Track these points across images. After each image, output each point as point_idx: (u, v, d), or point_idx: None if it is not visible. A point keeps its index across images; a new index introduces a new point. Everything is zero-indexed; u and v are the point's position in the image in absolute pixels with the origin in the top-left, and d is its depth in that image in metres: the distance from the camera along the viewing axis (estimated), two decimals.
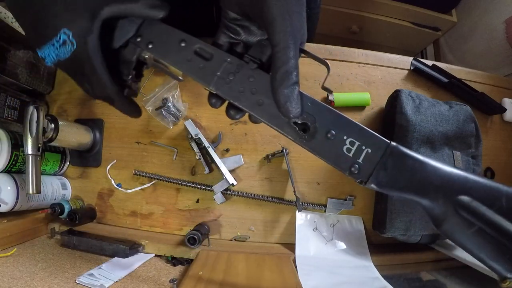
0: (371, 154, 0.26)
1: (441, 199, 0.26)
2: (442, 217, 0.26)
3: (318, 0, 0.72)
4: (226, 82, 0.28)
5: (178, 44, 0.29)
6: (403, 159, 0.26)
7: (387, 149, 0.26)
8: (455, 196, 0.25)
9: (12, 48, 0.57)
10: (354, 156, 0.26)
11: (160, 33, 0.30)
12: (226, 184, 0.61)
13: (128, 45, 0.31)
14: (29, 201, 0.57)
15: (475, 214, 0.25)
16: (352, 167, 0.26)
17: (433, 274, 0.61)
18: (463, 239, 0.26)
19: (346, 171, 0.26)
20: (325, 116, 0.27)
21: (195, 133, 0.62)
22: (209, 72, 0.29)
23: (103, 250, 0.56)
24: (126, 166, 0.67)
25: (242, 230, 0.66)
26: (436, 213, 0.26)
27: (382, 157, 0.26)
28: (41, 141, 0.49)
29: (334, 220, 0.66)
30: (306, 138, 0.27)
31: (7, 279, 0.43)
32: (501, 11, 1.09)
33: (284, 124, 0.27)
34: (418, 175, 0.26)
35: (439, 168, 0.26)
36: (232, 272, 0.51)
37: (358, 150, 0.26)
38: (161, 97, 0.65)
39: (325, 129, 0.27)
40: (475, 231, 0.25)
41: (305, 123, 0.27)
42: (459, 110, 0.62)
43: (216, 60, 0.29)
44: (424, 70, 0.71)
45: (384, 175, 0.26)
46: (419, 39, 1.45)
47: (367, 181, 0.26)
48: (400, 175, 0.26)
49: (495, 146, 0.75)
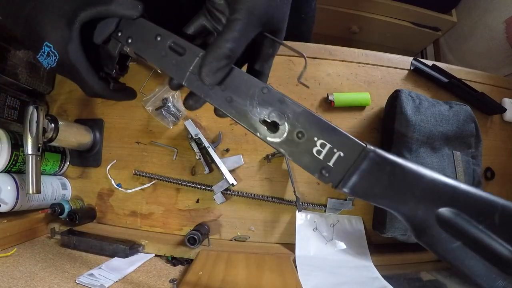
0: (343, 157, 0.24)
1: (421, 210, 0.24)
2: (422, 228, 0.24)
3: (312, 4, 0.72)
4: (197, 79, 0.27)
5: (154, 39, 0.30)
6: (380, 164, 0.24)
7: (361, 153, 0.24)
8: (438, 208, 0.23)
9: (12, 48, 0.57)
10: (325, 158, 0.25)
11: (138, 28, 0.31)
12: (226, 184, 0.61)
13: (110, 40, 0.32)
14: (29, 201, 0.57)
15: (458, 229, 0.23)
16: (323, 170, 0.25)
17: (433, 274, 0.61)
18: (445, 253, 0.24)
19: (315, 173, 0.25)
20: (296, 115, 0.25)
21: (195, 133, 0.62)
22: (182, 67, 0.28)
23: (103, 250, 0.56)
24: (126, 166, 0.67)
25: (242, 230, 0.66)
26: (415, 224, 0.24)
27: (356, 161, 0.24)
28: (41, 141, 0.49)
29: (334, 220, 0.66)
30: (275, 137, 0.26)
31: (7, 279, 0.43)
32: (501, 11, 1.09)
33: (253, 123, 0.26)
34: (396, 182, 0.24)
35: (423, 175, 0.24)
36: (232, 272, 0.51)
37: (329, 153, 0.24)
38: (161, 97, 0.65)
39: (296, 129, 0.25)
40: (459, 245, 0.23)
41: (274, 121, 0.26)
42: (459, 110, 0.62)
43: (188, 55, 0.28)
44: (424, 70, 0.71)
45: (357, 181, 0.24)
46: (419, 39, 1.45)
47: (338, 185, 0.24)
48: (375, 181, 0.24)
49: (495, 146, 0.75)
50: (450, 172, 0.60)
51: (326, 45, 0.71)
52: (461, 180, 0.60)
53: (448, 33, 1.39)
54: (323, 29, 1.41)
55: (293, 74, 0.69)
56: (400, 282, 0.56)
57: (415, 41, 1.47)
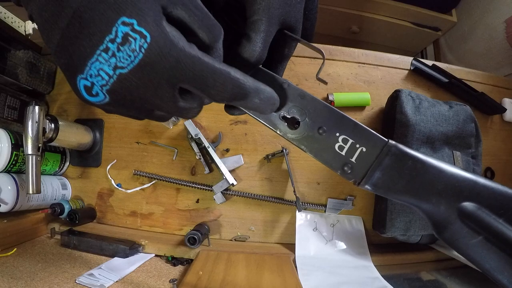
0: (366, 153, 0.24)
1: (443, 205, 0.23)
2: (444, 224, 0.24)
3: (315, 1, 0.72)
4: None
5: None
6: (402, 159, 0.24)
7: (384, 148, 0.24)
8: (460, 203, 0.23)
9: (12, 48, 0.58)
10: (347, 154, 0.24)
11: None
12: (226, 184, 0.61)
13: None
14: (29, 201, 0.57)
15: (480, 223, 0.23)
16: (345, 167, 0.24)
17: (433, 274, 0.61)
18: (467, 249, 0.24)
19: (337, 170, 0.24)
20: (317, 111, 0.25)
21: (195, 133, 0.62)
22: None
23: (103, 250, 0.56)
24: (126, 166, 0.67)
25: (242, 230, 0.66)
26: (437, 220, 0.24)
27: (378, 156, 0.24)
28: (41, 141, 0.49)
29: (334, 220, 0.66)
30: (295, 133, 0.25)
31: (7, 279, 0.43)
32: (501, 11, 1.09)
33: (273, 119, 0.25)
34: (419, 177, 0.24)
35: (443, 170, 0.23)
36: (232, 272, 0.51)
37: (351, 149, 0.24)
38: None
39: (317, 125, 0.25)
40: (480, 240, 0.23)
41: (294, 118, 0.25)
42: (459, 110, 0.62)
43: None
44: (424, 70, 0.71)
45: (380, 177, 0.24)
46: (419, 39, 1.45)
47: (360, 182, 0.24)
48: (398, 176, 0.24)
49: (495, 146, 0.75)
50: None
51: (326, 45, 0.71)
52: None
53: (448, 33, 1.39)
54: (323, 29, 1.41)
55: (294, 74, 0.69)
56: (400, 282, 0.56)
57: (415, 41, 1.47)
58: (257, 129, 0.67)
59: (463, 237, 0.24)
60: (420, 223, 0.59)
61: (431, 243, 0.65)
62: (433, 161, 0.24)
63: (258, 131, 0.67)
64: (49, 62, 0.68)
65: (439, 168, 0.24)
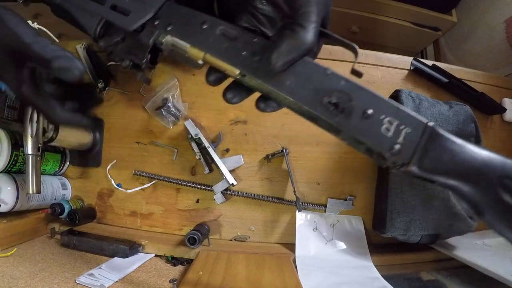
0: (411, 134, 0.24)
1: (483, 182, 0.23)
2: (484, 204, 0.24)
3: None
4: (254, 62, 0.27)
5: (199, 26, 0.28)
6: (441, 141, 0.24)
7: (425, 129, 0.24)
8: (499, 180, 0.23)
9: None
10: (394, 136, 0.24)
11: (180, 16, 0.29)
12: (226, 184, 0.61)
13: (144, 29, 0.30)
14: (29, 201, 0.57)
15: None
16: (393, 149, 0.24)
17: (433, 274, 0.61)
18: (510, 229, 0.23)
19: (387, 152, 0.24)
20: (360, 95, 0.25)
21: (195, 133, 0.62)
22: (234, 51, 0.27)
23: (103, 250, 0.56)
24: (126, 166, 0.67)
25: (242, 230, 0.66)
26: (477, 200, 0.24)
27: (421, 137, 0.24)
28: (41, 141, 0.49)
29: (334, 220, 0.66)
30: (341, 117, 0.25)
31: (7, 279, 0.43)
32: (501, 11, 1.08)
33: (317, 104, 0.26)
34: (458, 157, 0.24)
35: (477, 151, 0.24)
36: (232, 272, 0.51)
37: (396, 130, 0.24)
38: (161, 97, 0.65)
39: (361, 108, 0.25)
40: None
41: (338, 102, 0.25)
42: (459, 110, 0.62)
43: (241, 41, 0.27)
44: (424, 70, 0.71)
45: (425, 157, 0.24)
46: (419, 39, 1.45)
47: (409, 162, 0.24)
48: (440, 157, 0.24)
49: (495, 146, 0.75)
50: None
51: (326, 45, 0.70)
52: None
53: (448, 33, 1.39)
54: None
55: None
56: (400, 282, 0.56)
57: (415, 41, 1.47)
58: (257, 129, 0.67)
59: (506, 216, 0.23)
60: (420, 223, 0.59)
61: (431, 243, 0.65)
62: (467, 143, 0.24)
63: (258, 131, 0.67)
64: None
65: (473, 149, 0.24)
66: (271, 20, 0.31)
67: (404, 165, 0.24)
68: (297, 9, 0.27)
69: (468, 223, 0.59)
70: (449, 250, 0.61)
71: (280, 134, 0.67)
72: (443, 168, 0.24)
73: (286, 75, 0.26)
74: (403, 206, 0.59)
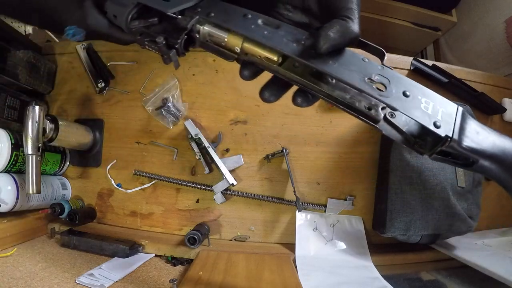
0: (446, 114, 0.26)
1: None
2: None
3: None
4: (297, 46, 0.28)
5: (242, 16, 0.29)
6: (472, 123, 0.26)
7: (457, 111, 0.26)
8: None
9: (12, 48, 0.58)
10: (433, 113, 0.26)
11: (221, 8, 0.30)
12: (226, 184, 0.61)
13: (183, 15, 0.30)
14: (29, 201, 0.57)
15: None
16: (435, 123, 0.26)
17: (433, 274, 0.61)
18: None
19: (430, 124, 0.26)
20: (397, 79, 0.27)
21: (195, 133, 0.62)
22: (276, 37, 0.28)
23: (103, 250, 0.56)
24: (126, 166, 0.67)
25: (242, 230, 0.66)
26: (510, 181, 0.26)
27: (455, 117, 0.26)
28: (41, 141, 0.49)
29: (334, 220, 0.66)
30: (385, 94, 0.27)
31: (7, 279, 0.43)
32: (501, 11, 1.09)
33: (362, 82, 0.27)
34: (489, 138, 0.26)
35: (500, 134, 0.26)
36: (232, 272, 0.51)
37: (434, 109, 0.26)
38: (161, 97, 0.65)
39: (401, 89, 0.27)
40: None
41: (381, 82, 0.27)
42: None
43: (283, 30, 0.28)
44: (424, 70, 0.71)
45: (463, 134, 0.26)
46: (419, 39, 1.45)
47: (452, 136, 0.25)
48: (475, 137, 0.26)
49: None
50: (450, 172, 0.60)
51: None
52: (461, 180, 0.60)
53: (448, 33, 1.39)
54: None
55: None
56: (400, 282, 0.56)
57: (415, 41, 1.47)
58: (257, 129, 0.67)
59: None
60: (420, 223, 0.59)
61: (431, 243, 0.65)
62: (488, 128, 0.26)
63: (258, 131, 0.67)
64: (49, 62, 0.68)
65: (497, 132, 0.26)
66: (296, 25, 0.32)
67: (448, 139, 0.25)
68: (341, 7, 0.29)
69: (468, 223, 0.59)
70: (449, 250, 0.61)
71: (280, 134, 0.67)
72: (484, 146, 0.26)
73: (329, 58, 0.28)
74: (403, 206, 0.59)
